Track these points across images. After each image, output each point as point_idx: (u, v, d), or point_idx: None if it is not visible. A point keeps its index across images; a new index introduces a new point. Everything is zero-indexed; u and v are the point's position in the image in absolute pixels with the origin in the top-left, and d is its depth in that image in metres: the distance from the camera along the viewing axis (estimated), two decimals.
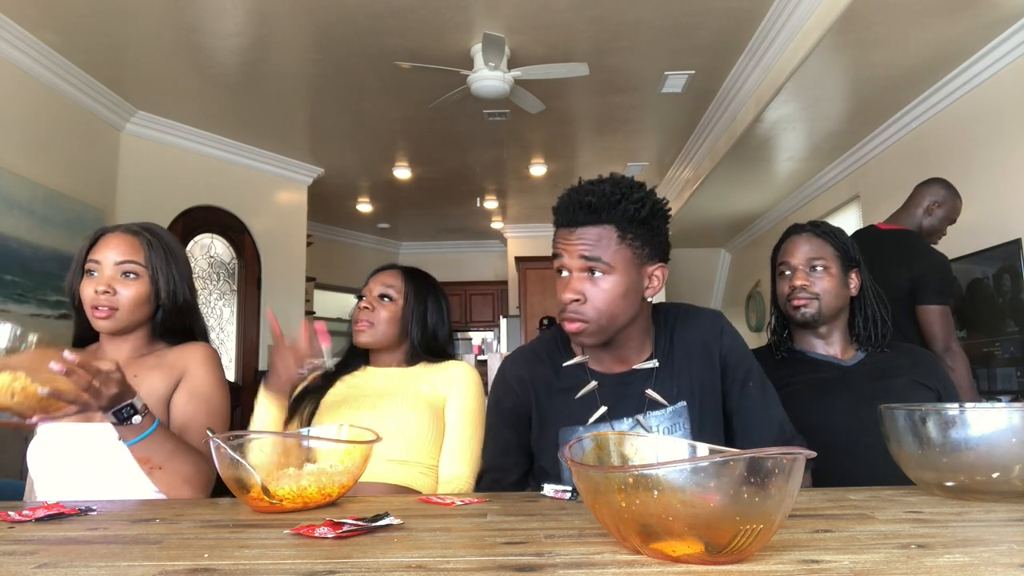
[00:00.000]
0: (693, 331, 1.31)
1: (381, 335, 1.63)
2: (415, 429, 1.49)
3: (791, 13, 3.68)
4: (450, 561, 0.68)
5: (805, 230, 1.59)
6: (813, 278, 1.54)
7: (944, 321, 2.45)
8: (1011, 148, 3.64)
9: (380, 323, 1.62)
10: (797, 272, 1.55)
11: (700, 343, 1.30)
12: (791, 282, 1.56)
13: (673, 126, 5.54)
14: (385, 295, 1.65)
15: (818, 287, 1.53)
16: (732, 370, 1.29)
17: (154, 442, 1.19)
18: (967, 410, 0.97)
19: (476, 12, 3.76)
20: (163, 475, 1.21)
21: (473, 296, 9.47)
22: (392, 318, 1.63)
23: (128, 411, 1.15)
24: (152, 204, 5.11)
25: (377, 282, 1.67)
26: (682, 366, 1.28)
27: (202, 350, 1.40)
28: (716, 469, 0.65)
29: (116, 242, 1.35)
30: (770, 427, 1.28)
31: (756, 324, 7.85)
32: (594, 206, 1.17)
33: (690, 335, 1.30)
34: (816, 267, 1.54)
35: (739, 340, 1.33)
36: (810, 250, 1.55)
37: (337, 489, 1.02)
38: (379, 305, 1.63)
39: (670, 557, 0.66)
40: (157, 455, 1.20)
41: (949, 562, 0.64)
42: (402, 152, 6.15)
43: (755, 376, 1.30)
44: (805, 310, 1.53)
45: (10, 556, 0.73)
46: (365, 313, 1.63)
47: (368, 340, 1.62)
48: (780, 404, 1.32)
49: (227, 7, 3.67)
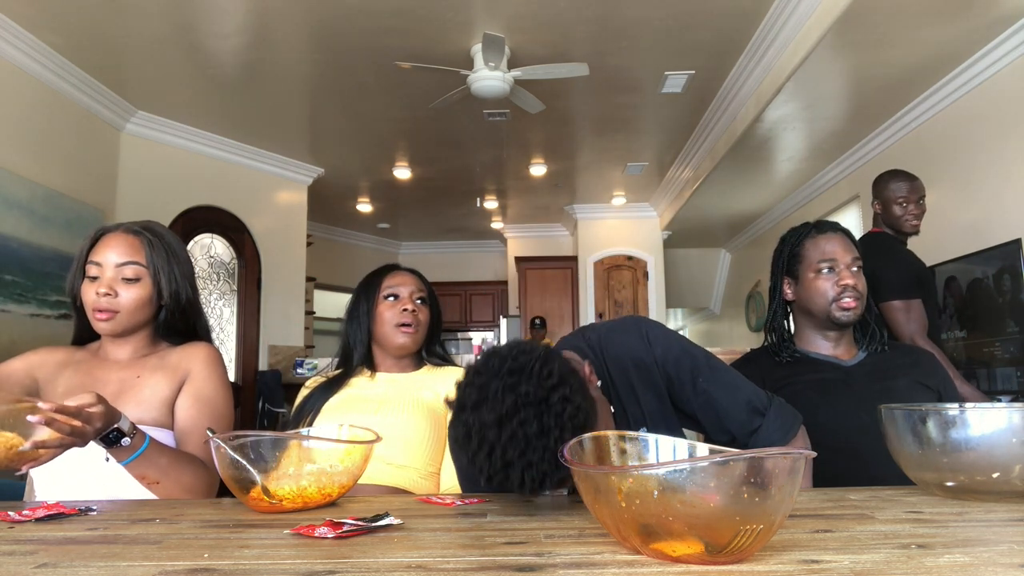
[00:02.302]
0: (621, 349, 1.26)
1: (421, 338, 1.64)
2: (416, 435, 1.48)
3: (791, 13, 3.68)
4: (450, 561, 0.68)
5: (839, 228, 1.56)
6: (857, 278, 1.52)
7: (905, 317, 2.44)
8: (1011, 148, 3.64)
9: (422, 326, 1.63)
10: (845, 271, 1.52)
11: (632, 361, 1.25)
12: (840, 280, 1.51)
13: (673, 126, 5.54)
14: (421, 298, 1.65)
15: (861, 287, 1.52)
16: (676, 376, 1.24)
17: (148, 459, 1.17)
18: (967, 410, 0.96)
19: (476, 12, 3.76)
20: (162, 489, 1.20)
21: (473, 296, 9.47)
22: (427, 322, 1.65)
23: (116, 435, 1.12)
24: (152, 204, 5.11)
25: (408, 284, 1.65)
26: (626, 394, 1.25)
27: (205, 351, 1.39)
28: (716, 469, 0.65)
29: (117, 243, 1.33)
30: (739, 412, 1.21)
31: (756, 324, 7.85)
32: None
33: (620, 355, 1.26)
34: (858, 267, 1.53)
35: (669, 340, 1.26)
36: (852, 248, 1.54)
37: (337, 489, 1.02)
38: (419, 309, 1.63)
39: (670, 557, 0.66)
40: (153, 471, 1.18)
41: (949, 562, 0.64)
42: (402, 152, 6.15)
43: (701, 368, 1.24)
44: (855, 312, 1.51)
45: (10, 556, 0.73)
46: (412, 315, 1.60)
47: (414, 343, 1.62)
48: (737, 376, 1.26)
49: (227, 7, 3.67)
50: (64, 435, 1.03)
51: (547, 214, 8.44)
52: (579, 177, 6.93)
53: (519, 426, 0.85)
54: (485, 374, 0.90)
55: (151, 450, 1.17)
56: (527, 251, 8.76)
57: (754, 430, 1.20)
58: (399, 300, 1.62)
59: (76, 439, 1.05)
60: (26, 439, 1.02)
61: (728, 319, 9.08)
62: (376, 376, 1.63)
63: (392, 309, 1.61)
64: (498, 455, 0.86)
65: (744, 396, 1.23)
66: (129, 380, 1.33)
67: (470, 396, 0.90)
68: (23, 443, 1.01)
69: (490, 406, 0.87)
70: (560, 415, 0.84)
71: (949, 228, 4.18)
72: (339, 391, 1.59)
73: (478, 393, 0.89)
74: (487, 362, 0.92)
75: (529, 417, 0.85)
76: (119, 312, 1.31)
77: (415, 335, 1.61)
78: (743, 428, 1.21)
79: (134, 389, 1.32)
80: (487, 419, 0.87)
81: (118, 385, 1.32)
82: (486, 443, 0.86)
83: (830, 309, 1.52)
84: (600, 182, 7.12)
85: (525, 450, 0.85)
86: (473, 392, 0.90)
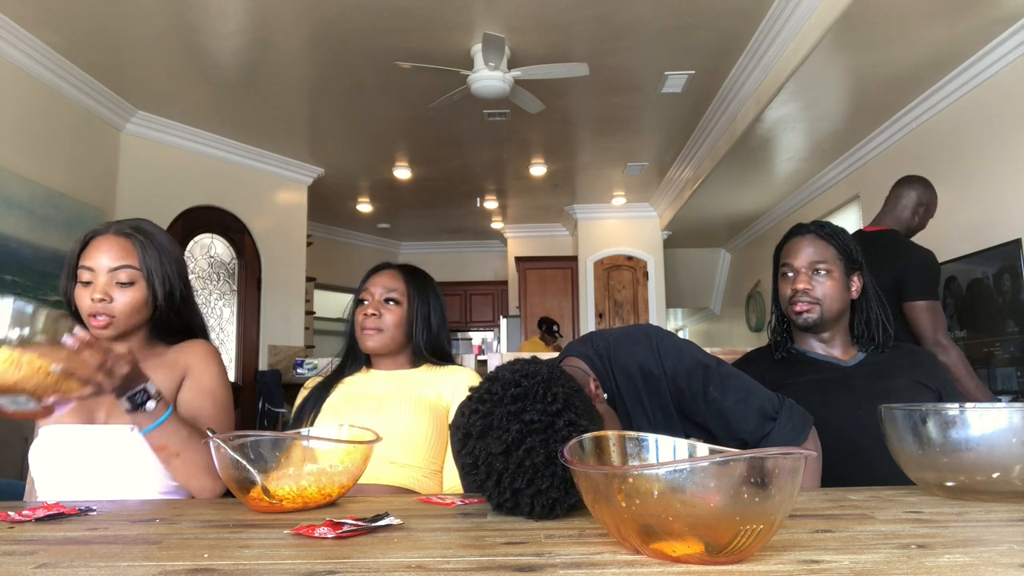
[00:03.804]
0: (629, 358, 1.26)
1: (389, 340, 1.59)
2: (418, 434, 1.47)
3: (791, 13, 3.68)
4: (450, 561, 0.68)
5: (809, 231, 1.56)
6: (815, 282, 1.52)
7: (931, 316, 2.45)
8: (1011, 148, 3.64)
9: (388, 328, 1.58)
10: (799, 275, 1.53)
11: (640, 370, 1.25)
12: (793, 285, 1.53)
13: (673, 126, 5.54)
14: (390, 299, 1.60)
15: (820, 291, 1.51)
16: (687, 388, 1.23)
17: (170, 428, 1.18)
18: (967, 410, 0.96)
19: (476, 12, 3.76)
20: (181, 464, 1.19)
21: (473, 296, 9.47)
22: (398, 322, 1.60)
23: (142, 396, 1.14)
24: (152, 204, 5.11)
25: (378, 285, 1.62)
26: (633, 403, 1.25)
27: (203, 347, 1.39)
28: (716, 469, 0.65)
29: (108, 246, 1.32)
30: (750, 419, 1.21)
31: (756, 324, 7.85)
32: None
33: (628, 364, 1.26)
34: (819, 270, 1.52)
35: (680, 352, 1.26)
36: (813, 252, 1.53)
37: (337, 489, 1.02)
38: (385, 309, 1.59)
39: (670, 557, 0.66)
40: (174, 441, 1.18)
41: (949, 562, 0.64)
42: (402, 152, 6.15)
43: (712, 378, 1.23)
44: (807, 315, 1.52)
45: (10, 556, 0.73)
46: (372, 320, 1.58)
47: (376, 346, 1.58)
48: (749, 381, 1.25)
49: (227, 7, 3.67)
50: (92, 369, 1.05)
51: (547, 214, 8.44)
52: (579, 177, 6.93)
53: (526, 454, 0.84)
54: (489, 402, 0.89)
55: (173, 419, 1.18)
56: (527, 251, 8.76)
57: (765, 435, 1.20)
58: (367, 303, 1.60)
59: (104, 378, 1.07)
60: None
61: (728, 319, 9.08)
62: (371, 372, 1.63)
63: (361, 312, 1.60)
64: (506, 484, 0.85)
65: (756, 402, 1.22)
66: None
67: (475, 425, 0.89)
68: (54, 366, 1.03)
69: (495, 435, 0.86)
70: (567, 440, 0.82)
71: (949, 228, 4.18)
72: (337, 388, 1.59)
73: (483, 422, 0.88)
74: (490, 388, 0.91)
75: (536, 445, 0.84)
76: (115, 317, 1.30)
77: (376, 337, 1.57)
78: (755, 435, 1.20)
79: None
80: (493, 449, 0.86)
81: None
82: (494, 473, 0.86)
83: (788, 312, 1.55)
84: (600, 182, 7.12)
85: (533, 478, 0.84)
86: (478, 421, 0.89)
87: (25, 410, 1.04)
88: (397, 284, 1.63)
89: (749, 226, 7.79)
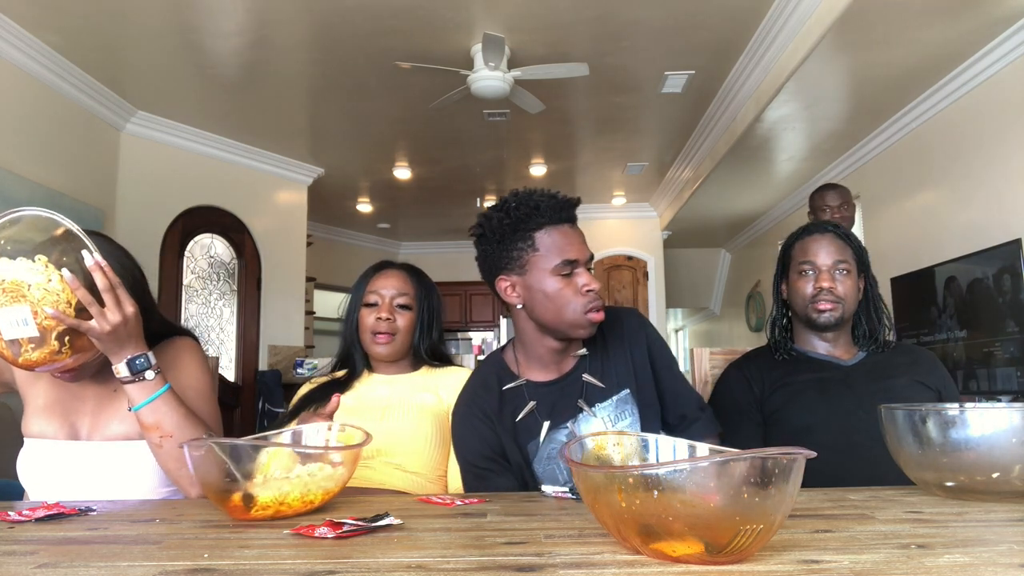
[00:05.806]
0: (619, 325, 1.41)
1: (401, 345, 1.56)
2: (423, 441, 1.46)
3: (791, 13, 3.68)
4: (450, 561, 0.68)
5: (828, 230, 1.57)
6: (838, 280, 1.52)
7: None
8: (1011, 148, 3.64)
9: (401, 333, 1.56)
10: (823, 273, 1.53)
11: (629, 334, 1.41)
12: (817, 283, 1.53)
13: (673, 126, 5.54)
14: (405, 305, 1.57)
15: (842, 290, 1.52)
16: (658, 358, 1.41)
17: (166, 404, 1.15)
18: (967, 410, 0.97)
19: (476, 12, 3.76)
20: (173, 446, 1.14)
21: (473, 296, 9.46)
22: (410, 327, 1.57)
23: (143, 362, 1.13)
24: (152, 204, 5.11)
25: (388, 287, 1.58)
26: (617, 355, 1.38)
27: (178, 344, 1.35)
28: (716, 469, 0.65)
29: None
30: (690, 401, 1.41)
31: (756, 324, 7.84)
32: None
33: (617, 329, 1.41)
34: (841, 269, 1.53)
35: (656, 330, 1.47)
36: (836, 251, 1.54)
37: (321, 495, 0.96)
38: (397, 314, 1.56)
39: (670, 557, 0.66)
40: (168, 420, 1.15)
41: (949, 562, 0.64)
42: (402, 152, 6.15)
43: (673, 360, 1.45)
44: (831, 314, 1.51)
45: (10, 556, 0.73)
46: (387, 324, 1.54)
47: (390, 352, 1.55)
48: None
49: (227, 7, 3.67)
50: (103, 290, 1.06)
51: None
52: (579, 177, 6.93)
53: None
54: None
55: (169, 395, 1.16)
56: None
57: (697, 419, 1.39)
58: (378, 307, 1.56)
59: (112, 307, 1.07)
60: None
61: (728, 319, 9.08)
62: (372, 376, 1.60)
63: (371, 315, 1.56)
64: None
65: (695, 392, 1.46)
66: (106, 395, 1.29)
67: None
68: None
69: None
70: None
71: (949, 228, 4.18)
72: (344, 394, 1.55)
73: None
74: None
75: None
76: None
77: (389, 345, 1.55)
78: (692, 415, 1.39)
79: (113, 405, 1.28)
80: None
81: (95, 401, 1.29)
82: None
83: (807, 310, 1.55)
84: (600, 182, 7.12)
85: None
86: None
87: (21, 336, 1.03)
88: (408, 288, 1.60)
89: (749, 226, 7.79)
